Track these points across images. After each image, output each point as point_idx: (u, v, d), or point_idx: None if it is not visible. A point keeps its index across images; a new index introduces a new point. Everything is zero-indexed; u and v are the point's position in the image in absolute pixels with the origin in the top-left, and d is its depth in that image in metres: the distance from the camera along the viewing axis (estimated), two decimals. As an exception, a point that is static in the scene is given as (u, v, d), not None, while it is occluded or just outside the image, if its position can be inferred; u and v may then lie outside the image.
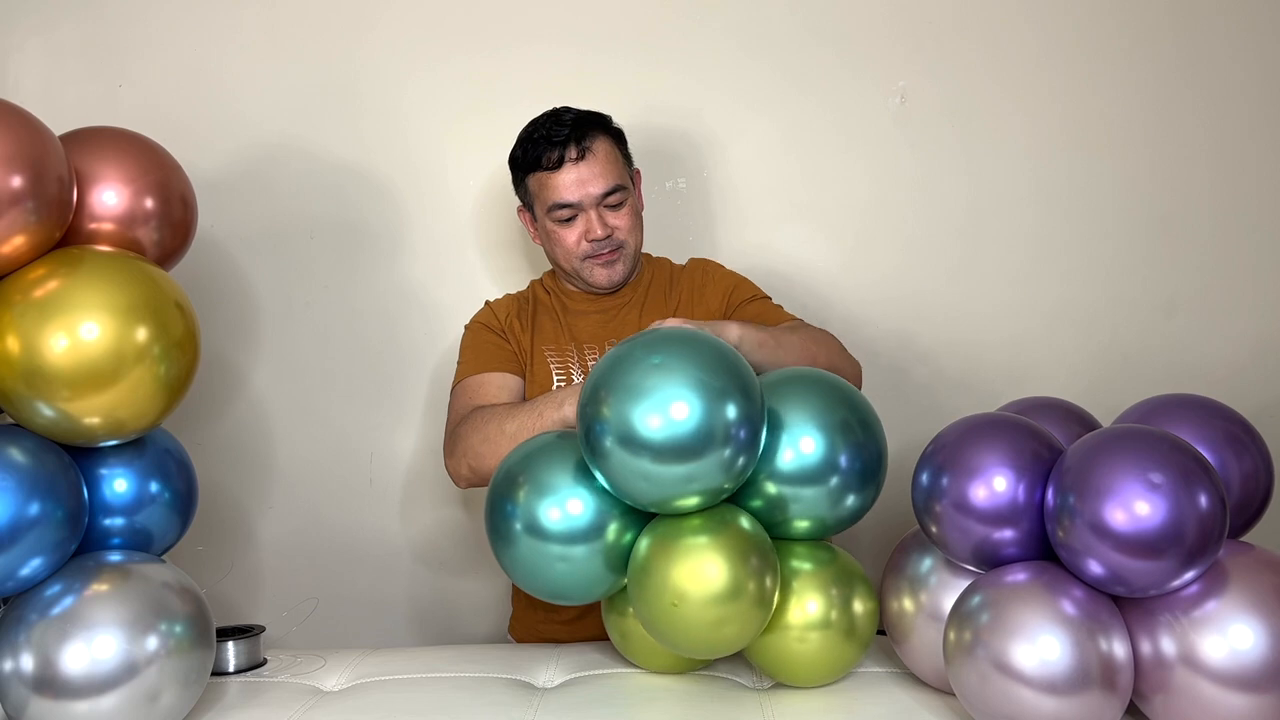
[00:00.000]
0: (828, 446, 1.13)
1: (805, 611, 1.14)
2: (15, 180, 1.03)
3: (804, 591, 1.15)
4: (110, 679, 1.04)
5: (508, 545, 1.16)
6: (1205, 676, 0.95)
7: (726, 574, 1.07)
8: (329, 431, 1.86)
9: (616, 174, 1.49)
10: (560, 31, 1.83)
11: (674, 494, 1.09)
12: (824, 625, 1.14)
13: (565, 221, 1.49)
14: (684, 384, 1.05)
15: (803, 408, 1.14)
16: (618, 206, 1.50)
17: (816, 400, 1.15)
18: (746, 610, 1.09)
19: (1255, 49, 1.84)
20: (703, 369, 1.06)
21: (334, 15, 1.83)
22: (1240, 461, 1.07)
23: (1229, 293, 1.85)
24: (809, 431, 1.13)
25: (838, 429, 1.14)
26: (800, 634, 1.15)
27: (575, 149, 1.46)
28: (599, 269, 1.52)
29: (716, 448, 1.06)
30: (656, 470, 1.06)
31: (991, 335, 1.84)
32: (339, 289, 1.85)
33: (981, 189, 1.85)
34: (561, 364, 1.53)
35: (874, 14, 1.83)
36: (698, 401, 1.05)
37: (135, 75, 1.83)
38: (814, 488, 1.14)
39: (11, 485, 1.03)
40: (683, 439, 1.05)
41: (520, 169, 1.52)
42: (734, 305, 1.56)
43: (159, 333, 1.08)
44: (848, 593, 1.16)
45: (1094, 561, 0.98)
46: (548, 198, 1.49)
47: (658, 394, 1.05)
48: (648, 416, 1.05)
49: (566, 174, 1.47)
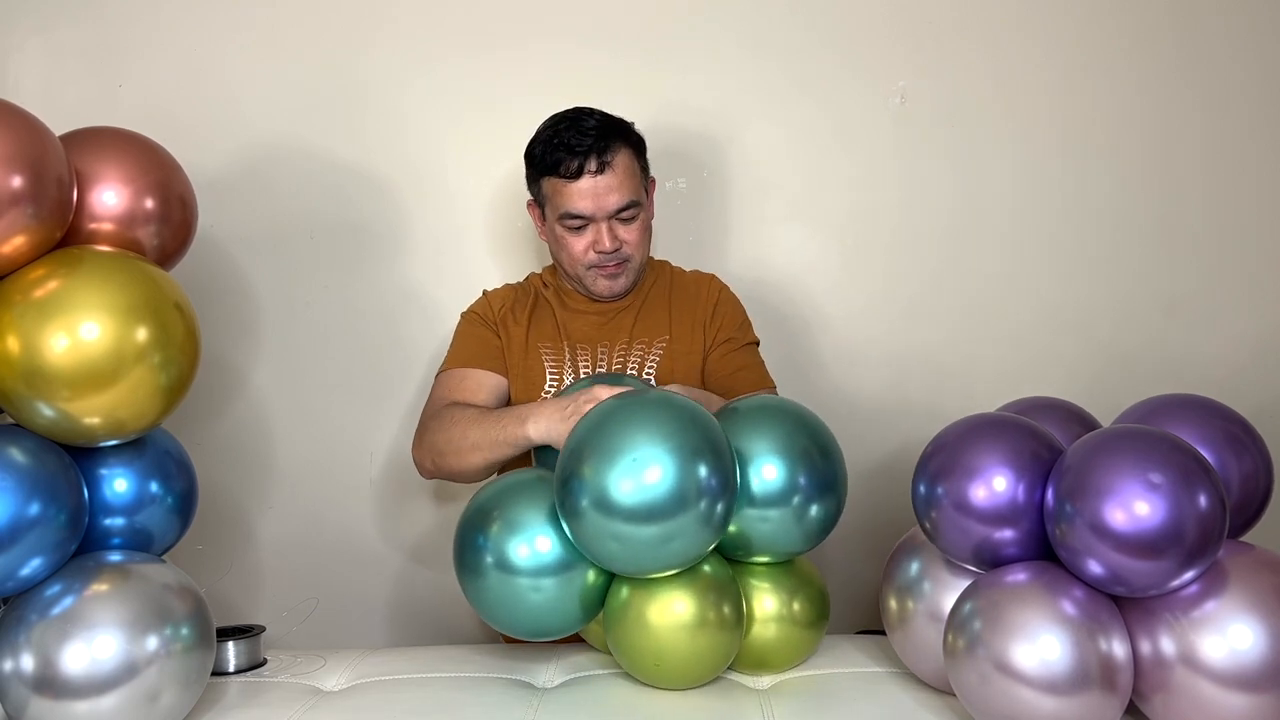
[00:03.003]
0: (789, 472, 1.17)
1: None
2: (15, 180, 1.03)
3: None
4: (110, 679, 1.04)
5: (476, 578, 1.18)
6: (1205, 676, 0.95)
7: (695, 616, 1.14)
8: (329, 431, 1.86)
9: (633, 189, 1.47)
10: (560, 31, 1.83)
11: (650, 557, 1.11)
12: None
13: (575, 230, 1.48)
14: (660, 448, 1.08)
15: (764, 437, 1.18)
16: (630, 221, 1.49)
17: (778, 429, 1.19)
18: (723, 639, 1.16)
19: (1254, 49, 1.84)
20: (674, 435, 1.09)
21: (334, 15, 1.83)
22: (1240, 461, 1.07)
23: (1229, 293, 1.85)
24: (770, 459, 1.17)
25: (799, 456, 1.18)
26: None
27: (596, 161, 1.44)
28: (602, 280, 1.52)
29: (690, 508, 1.08)
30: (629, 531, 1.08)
31: (991, 335, 1.85)
32: (339, 289, 1.85)
33: (981, 189, 1.85)
34: (556, 363, 1.53)
35: (874, 15, 1.83)
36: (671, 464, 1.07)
37: (135, 75, 1.83)
38: (779, 510, 1.17)
39: (11, 485, 1.03)
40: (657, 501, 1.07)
41: (536, 169, 1.50)
42: (719, 341, 1.55)
43: (159, 333, 1.08)
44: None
45: (1094, 561, 0.98)
46: (560, 204, 1.47)
47: (633, 459, 1.07)
48: (621, 481, 1.07)
49: (583, 185, 1.44)
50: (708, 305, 1.58)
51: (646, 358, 1.53)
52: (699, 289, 1.60)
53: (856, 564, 1.83)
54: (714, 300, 1.58)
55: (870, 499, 1.84)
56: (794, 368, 1.82)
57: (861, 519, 1.84)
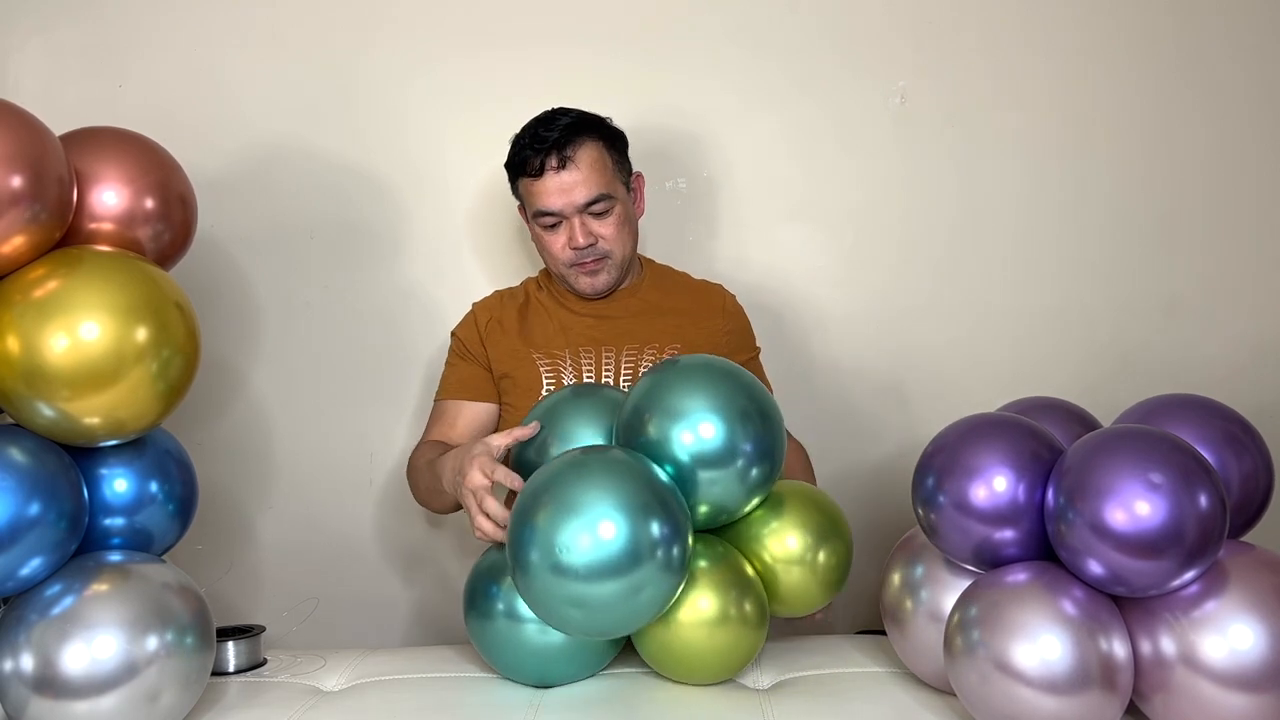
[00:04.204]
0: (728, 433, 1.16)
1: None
2: (15, 180, 1.03)
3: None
4: (110, 679, 1.04)
5: (486, 622, 1.21)
6: (1205, 676, 0.95)
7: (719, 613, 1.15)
8: (329, 432, 1.85)
9: (602, 182, 1.47)
10: (561, 31, 1.83)
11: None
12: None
13: (550, 228, 1.49)
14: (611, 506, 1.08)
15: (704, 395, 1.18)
16: (603, 215, 1.48)
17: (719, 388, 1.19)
18: (746, 636, 1.17)
19: (1254, 49, 1.84)
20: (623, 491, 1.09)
21: (334, 15, 1.83)
22: (1240, 461, 1.07)
23: (1229, 293, 1.85)
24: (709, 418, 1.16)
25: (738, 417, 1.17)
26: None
27: (556, 157, 1.45)
28: (583, 277, 1.52)
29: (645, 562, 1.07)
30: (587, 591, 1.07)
31: (991, 335, 1.84)
32: (339, 289, 1.85)
33: (982, 189, 1.85)
34: (552, 367, 1.52)
35: (874, 14, 1.83)
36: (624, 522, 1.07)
37: (135, 75, 1.82)
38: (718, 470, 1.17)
39: (11, 485, 1.03)
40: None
41: (511, 172, 1.52)
42: (733, 348, 1.56)
43: (159, 333, 1.08)
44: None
45: (1094, 561, 0.98)
46: (532, 204, 1.49)
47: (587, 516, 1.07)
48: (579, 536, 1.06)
49: (548, 182, 1.46)
50: (721, 314, 1.59)
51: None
52: (711, 298, 1.61)
53: (856, 564, 1.81)
54: (729, 310, 1.60)
55: (870, 499, 1.84)
56: (794, 367, 1.82)
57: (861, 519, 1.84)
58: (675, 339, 1.53)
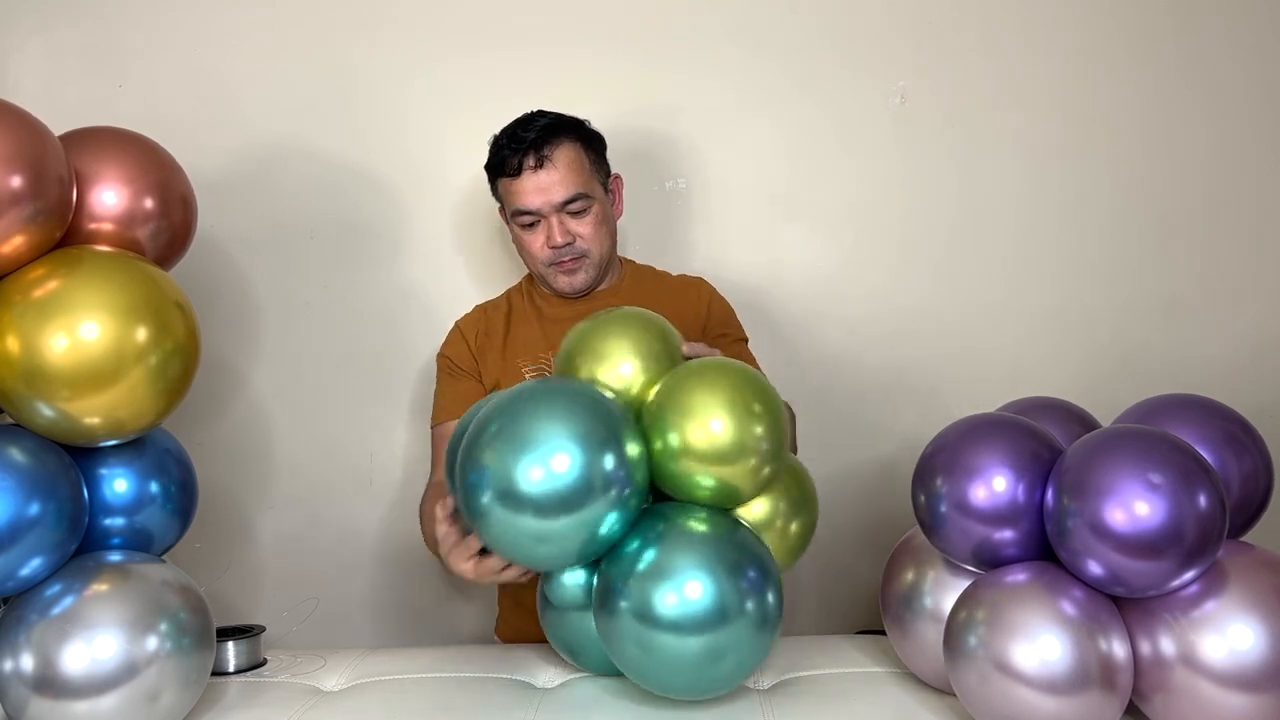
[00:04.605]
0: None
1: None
2: (15, 180, 1.03)
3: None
4: (110, 679, 1.04)
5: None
6: (1205, 676, 0.95)
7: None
8: (329, 431, 1.86)
9: (579, 182, 1.49)
10: (560, 31, 1.83)
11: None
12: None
13: (528, 227, 1.51)
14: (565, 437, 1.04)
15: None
16: (580, 214, 1.50)
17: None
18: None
19: (1254, 49, 1.84)
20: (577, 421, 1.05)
21: (334, 15, 1.83)
22: (1240, 461, 1.07)
23: (1229, 293, 1.85)
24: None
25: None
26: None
27: (534, 157, 1.47)
28: (561, 276, 1.53)
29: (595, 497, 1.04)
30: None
31: (991, 335, 1.84)
32: (339, 289, 1.85)
33: (982, 189, 1.85)
34: (537, 372, 1.53)
35: (874, 14, 1.83)
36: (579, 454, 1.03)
37: (135, 75, 1.83)
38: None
39: (11, 485, 1.03)
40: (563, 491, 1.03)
41: (490, 174, 1.54)
42: (715, 335, 1.55)
43: (159, 333, 1.08)
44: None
45: (1094, 562, 0.98)
46: (510, 203, 1.51)
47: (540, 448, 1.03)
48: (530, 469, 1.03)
49: (526, 181, 1.47)
50: (700, 307, 1.58)
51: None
52: (688, 292, 1.60)
53: (856, 564, 1.83)
54: (706, 300, 1.59)
55: (870, 499, 1.84)
56: (794, 368, 1.82)
57: (861, 519, 1.85)
58: None
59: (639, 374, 1.15)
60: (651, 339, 1.17)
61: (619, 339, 1.17)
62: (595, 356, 1.16)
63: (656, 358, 1.16)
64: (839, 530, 1.85)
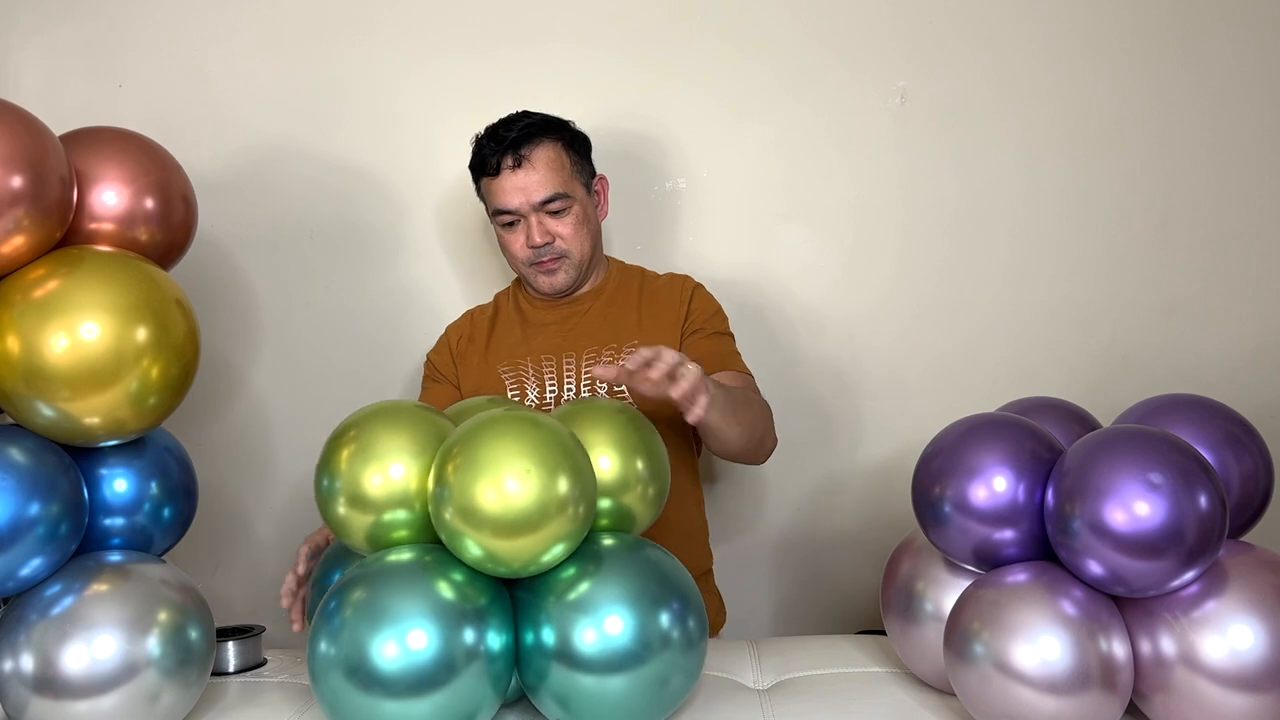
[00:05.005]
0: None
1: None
2: (15, 180, 1.03)
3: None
4: (110, 679, 1.04)
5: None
6: (1205, 676, 0.95)
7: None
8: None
9: (558, 182, 1.49)
10: (558, 32, 1.83)
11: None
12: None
13: (508, 227, 1.52)
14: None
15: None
16: (560, 214, 1.50)
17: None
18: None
19: (1255, 49, 1.84)
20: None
21: (334, 16, 1.83)
22: (1240, 461, 1.07)
23: (1228, 293, 1.85)
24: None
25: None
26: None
27: (512, 157, 1.48)
28: (541, 276, 1.53)
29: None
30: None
31: (991, 336, 1.84)
32: (339, 289, 1.85)
33: (981, 189, 1.85)
34: (515, 378, 1.53)
35: (874, 15, 1.83)
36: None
37: (135, 75, 1.83)
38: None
39: (11, 485, 1.03)
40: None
41: (473, 174, 1.55)
42: (691, 330, 1.54)
43: (159, 333, 1.08)
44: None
45: (1094, 562, 0.98)
46: (492, 203, 1.52)
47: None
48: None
49: (505, 181, 1.49)
50: (681, 303, 1.57)
51: (617, 363, 1.51)
52: (672, 289, 1.59)
53: (856, 564, 1.83)
54: (687, 297, 1.57)
55: (870, 499, 1.84)
56: (794, 368, 1.82)
57: (861, 519, 1.85)
58: (634, 335, 1.53)
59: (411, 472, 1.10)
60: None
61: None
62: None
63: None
64: (839, 530, 1.85)
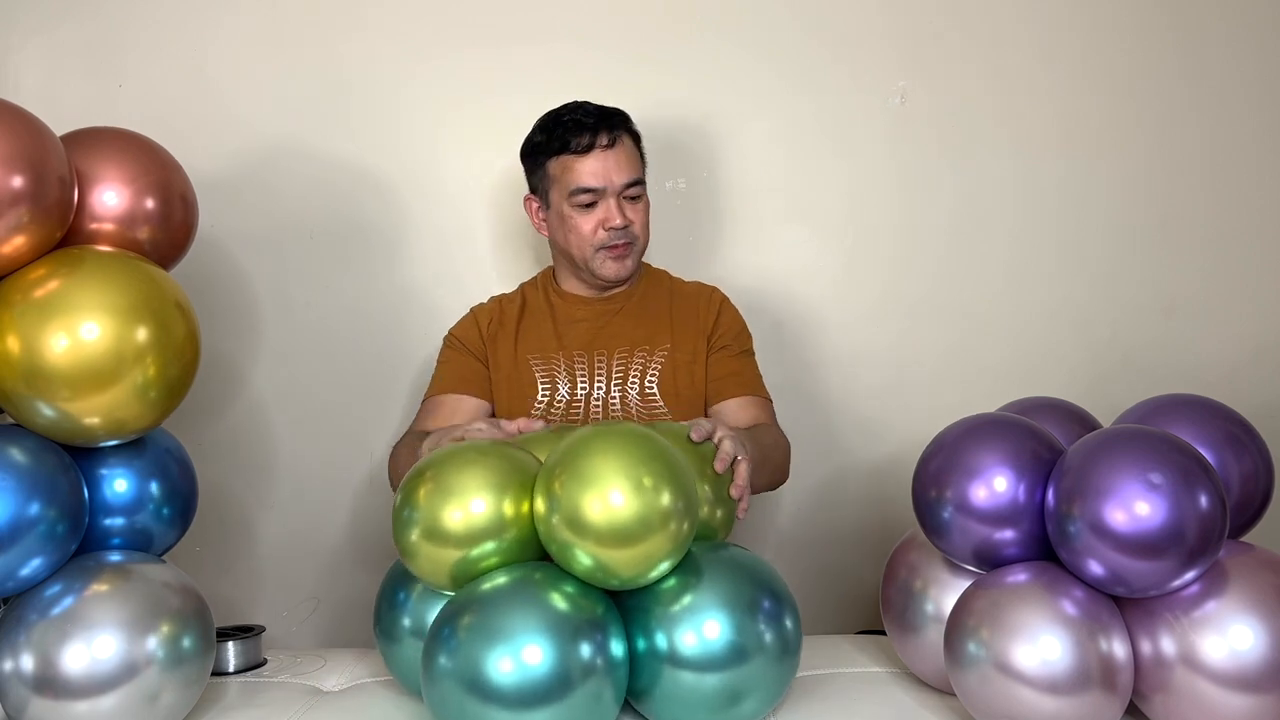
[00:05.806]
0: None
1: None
2: (16, 180, 1.03)
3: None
4: (110, 679, 1.04)
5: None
6: (1205, 676, 0.95)
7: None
8: (329, 431, 1.86)
9: (638, 167, 1.51)
10: (559, 31, 1.83)
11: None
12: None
13: (585, 208, 1.49)
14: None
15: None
16: (636, 200, 1.51)
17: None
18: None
19: (1254, 50, 1.84)
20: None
21: (334, 15, 1.83)
22: (1240, 461, 1.07)
23: (1228, 294, 1.85)
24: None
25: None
26: None
27: (607, 135, 1.48)
28: (610, 261, 1.51)
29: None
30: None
31: (991, 336, 1.85)
32: (339, 289, 1.85)
33: (981, 189, 1.85)
34: (546, 371, 1.52)
35: (873, 15, 1.83)
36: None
37: (135, 75, 1.82)
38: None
39: (11, 485, 1.03)
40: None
41: (543, 153, 1.51)
42: (718, 345, 1.54)
43: (159, 333, 1.08)
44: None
45: (1094, 562, 0.98)
46: (571, 181, 1.48)
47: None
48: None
49: (593, 159, 1.47)
50: (710, 314, 1.57)
51: (648, 366, 1.51)
52: (700, 298, 1.59)
53: (856, 564, 1.83)
54: (716, 309, 1.58)
55: (870, 499, 1.84)
56: (794, 369, 1.82)
57: (861, 519, 1.85)
58: (666, 339, 1.53)
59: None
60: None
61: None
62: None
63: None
64: (839, 530, 1.85)
